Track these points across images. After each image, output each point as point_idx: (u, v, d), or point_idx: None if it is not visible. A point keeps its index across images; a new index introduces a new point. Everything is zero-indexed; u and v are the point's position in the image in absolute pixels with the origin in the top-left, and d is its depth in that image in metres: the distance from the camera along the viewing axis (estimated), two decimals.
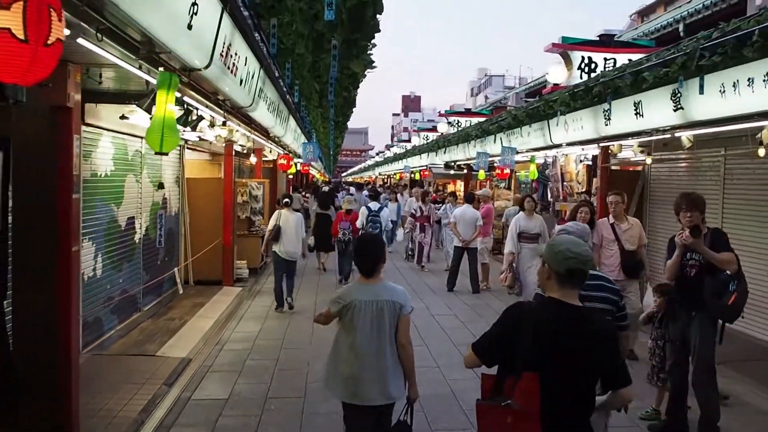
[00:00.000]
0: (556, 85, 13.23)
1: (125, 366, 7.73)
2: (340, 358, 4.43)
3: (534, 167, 14.75)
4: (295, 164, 23.80)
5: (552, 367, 2.97)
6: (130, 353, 8.31)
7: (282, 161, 16.24)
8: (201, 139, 12.09)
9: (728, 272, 5.87)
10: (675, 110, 8.10)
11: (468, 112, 27.19)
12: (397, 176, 43.18)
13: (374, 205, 14.40)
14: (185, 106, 7.11)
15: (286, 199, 11.85)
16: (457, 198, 15.67)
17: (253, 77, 7.73)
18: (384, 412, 4.44)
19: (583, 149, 13.40)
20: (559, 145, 13.39)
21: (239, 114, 9.60)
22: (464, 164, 23.31)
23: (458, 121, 26.68)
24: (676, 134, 8.92)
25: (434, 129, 36.30)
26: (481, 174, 19.48)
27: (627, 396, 3.22)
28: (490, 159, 17.20)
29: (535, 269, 10.08)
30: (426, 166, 29.04)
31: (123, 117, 8.64)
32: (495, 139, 16.74)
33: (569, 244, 3.20)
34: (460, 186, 29.20)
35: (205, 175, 15.01)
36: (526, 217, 11.49)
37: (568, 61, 13.08)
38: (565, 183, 14.70)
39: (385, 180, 51.98)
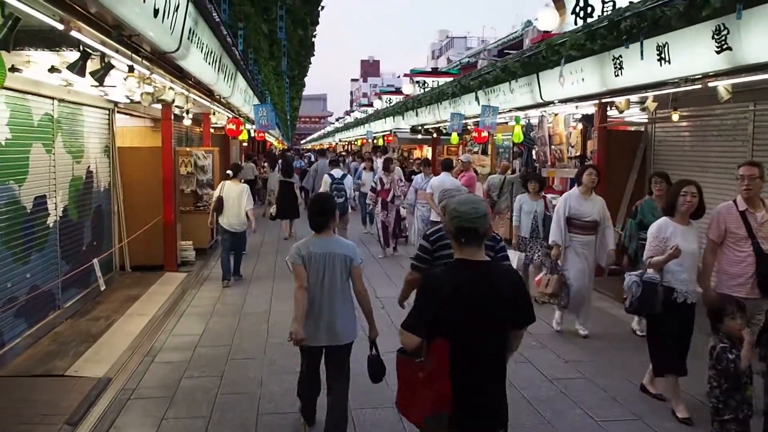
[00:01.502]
0: (545, 32, 11.54)
1: (21, 394, 5.92)
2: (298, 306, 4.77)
3: (519, 129, 13.11)
4: (248, 131, 21.83)
5: (462, 326, 3.16)
6: (33, 373, 6.49)
7: (230, 126, 14.24)
8: (131, 101, 10.21)
9: None
10: (719, 51, 6.47)
11: (435, 72, 25.41)
12: (359, 142, 41.27)
13: (337, 173, 13.35)
14: (81, 47, 5.23)
15: (228, 171, 11.27)
16: (431, 166, 13.74)
17: (177, 10, 5.85)
18: (334, 352, 4.88)
19: (577, 107, 11.82)
20: (549, 103, 11.78)
21: (168, 66, 7.73)
22: (433, 128, 21.64)
23: (424, 82, 24.92)
24: (711, 84, 7.30)
25: (398, 91, 34.49)
26: (454, 138, 17.83)
27: (521, 335, 3.47)
28: (465, 121, 15.53)
29: (585, 271, 7.89)
30: (390, 130, 27.29)
31: (14, 69, 6.74)
32: (471, 100, 15.04)
33: (457, 203, 3.31)
34: (426, 152, 27.55)
35: (147, 144, 13.00)
36: (581, 197, 7.88)
37: (560, 5, 11.39)
38: (553, 147, 13.10)
39: (346, 146, 49.93)
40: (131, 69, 6.37)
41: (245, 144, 26.67)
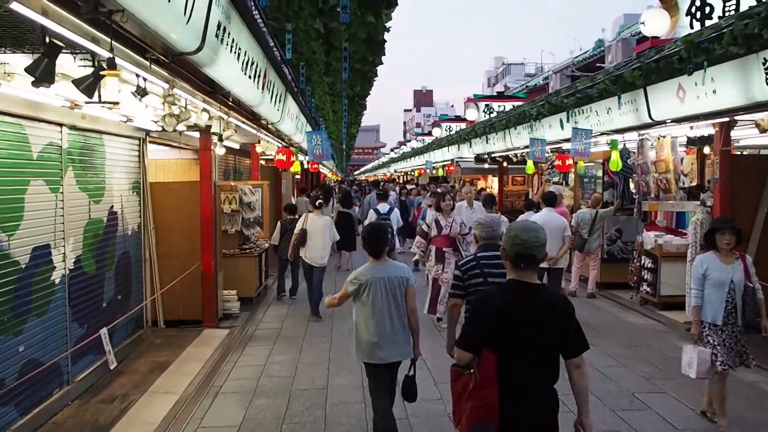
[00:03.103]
0: (654, 38, 9.57)
1: None
2: (360, 328, 5.16)
3: (616, 155, 11.08)
4: (301, 162, 20.23)
5: (511, 341, 3.27)
6: None
7: (280, 157, 12.53)
8: (165, 129, 8.61)
9: None
10: None
11: (501, 96, 23.52)
12: (416, 173, 39.50)
13: (383, 207, 12.17)
14: (48, 39, 3.54)
15: (319, 200, 10.89)
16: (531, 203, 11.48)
17: None
18: (396, 367, 5.24)
19: (692, 128, 9.78)
20: (657, 123, 9.76)
21: (193, 78, 6.05)
22: (501, 156, 19.70)
23: (490, 108, 23.05)
24: None
25: (458, 119, 32.72)
26: (530, 166, 15.86)
27: (580, 365, 3.44)
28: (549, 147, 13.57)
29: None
30: (452, 160, 25.41)
31: None
32: (553, 123, 13.10)
33: (519, 230, 3.44)
34: (490, 183, 25.60)
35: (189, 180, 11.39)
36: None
37: (671, 5, 9.43)
38: (657, 175, 11.02)
39: (403, 177, 48.19)
40: (143, 86, 4.65)
41: (298, 177, 25.13)
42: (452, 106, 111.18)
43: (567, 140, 13.18)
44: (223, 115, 7.86)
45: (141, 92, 4.99)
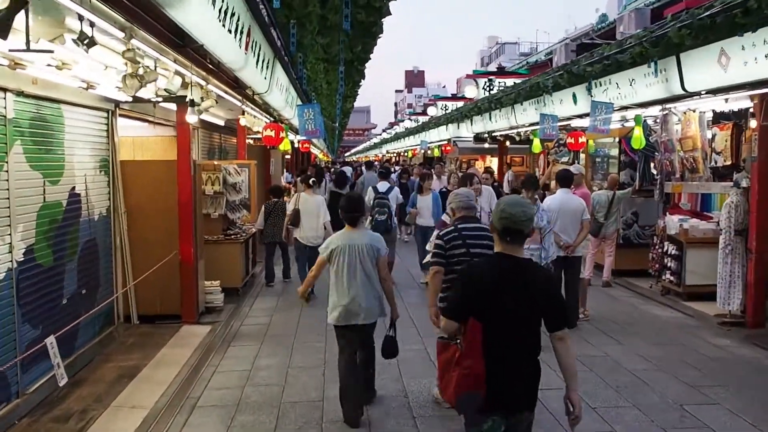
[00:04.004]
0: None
1: None
2: (333, 292, 5.56)
3: (640, 132, 10.03)
4: (292, 141, 19.07)
5: (496, 312, 3.35)
6: None
7: (268, 133, 11.38)
8: (137, 100, 7.52)
9: None
10: None
11: (502, 72, 22.39)
12: (409, 153, 38.39)
13: (382, 186, 11.20)
14: None
15: (312, 179, 10.85)
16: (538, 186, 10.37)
17: None
18: (366, 330, 5.62)
19: (727, 100, 8.76)
20: (692, 95, 8.74)
21: (160, 27, 4.95)
22: (502, 135, 18.66)
23: (490, 84, 21.95)
24: None
25: (455, 97, 31.64)
26: (536, 145, 14.83)
27: (563, 339, 3.48)
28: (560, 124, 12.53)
29: None
30: (449, 139, 24.33)
31: None
32: (564, 98, 12.04)
33: (506, 204, 3.49)
34: (489, 163, 24.55)
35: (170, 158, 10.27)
36: None
37: None
38: (683, 153, 10.01)
39: (396, 158, 47.02)
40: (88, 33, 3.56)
41: (288, 157, 23.97)
42: (444, 86, 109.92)
43: (579, 116, 12.17)
44: (201, 81, 6.77)
45: (85, 40, 3.90)
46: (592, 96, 10.77)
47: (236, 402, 6.02)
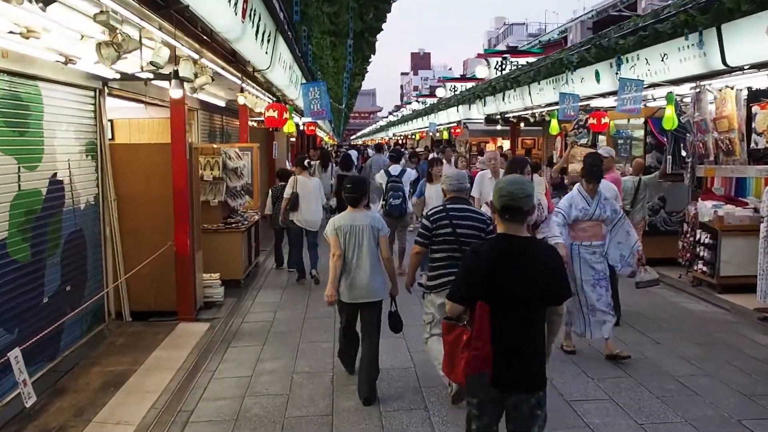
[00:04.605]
0: None
1: None
2: (341, 271, 5.68)
3: (672, 111, 9.25)
4: (297, 124, 18.32)
5: (501, 292, 3.37)
6: None
7: (270, 113, 10.59)
8: (126, 77, 6.83)
9: None
10: None
11: (515, 51, 21.54)
12: (417, 136, 37.54)
13: (395, 169, 10.70)
14: None
15: (308, 160, 10.72)
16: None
17: None
18: (368, 307, 5.75)
19: None
20: (733, 70, 7.98)
21: None
22: (515, 117, 17.87)
23: (502, 63, 21.14)
24: None
25: (464, 78, 30.80)
26: (554, 127, 14.05)
27: (559, 313, 3.60)
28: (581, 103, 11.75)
29: None
30: (458, 121, 23.53)
31: None
32: (586, 76, 11.26)
33: (505, 183, 3.52)
34: (500, 145, 23.76)
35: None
36: None
37: None
38: (719, 135, 9.25)
39: (403, 141, 46.10)
40: None
41: (293, 140, 23.22)
42: (450, 69, 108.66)
43: (602, 95, 11.40)
44: (193, 54, 6.04)
45: None
46: (618, 73, 10.00)
47: (234, 416, 5.34)
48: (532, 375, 3.43)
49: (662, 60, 8.93)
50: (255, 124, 15.34)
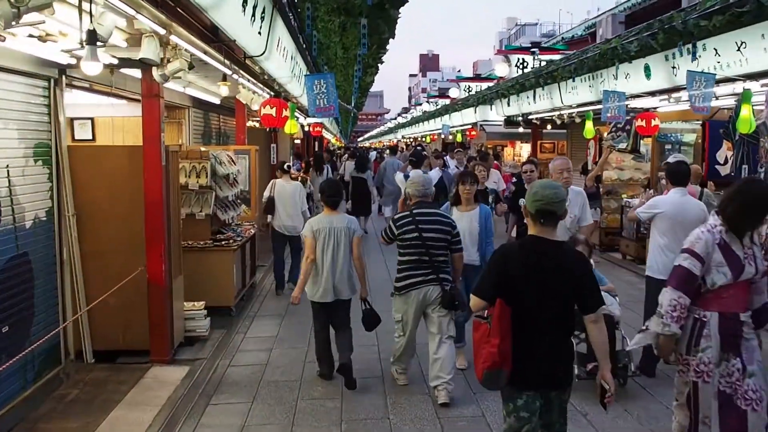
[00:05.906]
0: None
1: None
2: (314, 272, 5.90)
3: (749, 111, 7.72)
4: (302, 125, 16.85)
5: (529, 294, 3.40)
6: None
7: (267, 110, 9.02)
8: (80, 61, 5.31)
9: None
10: None
11: (540, 47, 20.02)
12: (428, 139, 36.01)
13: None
14: None
15: (287, 163, 10.37)
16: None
17: None
18: (341, 305, 6.03)
19: None
20: None
21: None
22: (538, 119, 16.38)
23: (523, 61, 19.66)
24: None
25: (478, 78, 29.35)
26: (589, 130, 12.55)
27: (597, 321, 3.48)
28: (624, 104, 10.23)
29: None
30: (474, 123, 22.05)
31: None
32: (632, 71, 9.76)
33: (540, 187, 3.53)
34: (519, 150, 22.33)
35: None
36: None
37: None
38: None
39: (412, 144, 44.55)
40: None
41: (297, 141, 21.73)
42: (459, 70, 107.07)
43: (652, 93, 9.91)
44: (158, 28, 4.57)
45: None
46: (676, 66, 8.52)
47: None
48: (561, 373, 3.51)
49: (738, 49, 7.43)
50: (256, 125, 13.85)
